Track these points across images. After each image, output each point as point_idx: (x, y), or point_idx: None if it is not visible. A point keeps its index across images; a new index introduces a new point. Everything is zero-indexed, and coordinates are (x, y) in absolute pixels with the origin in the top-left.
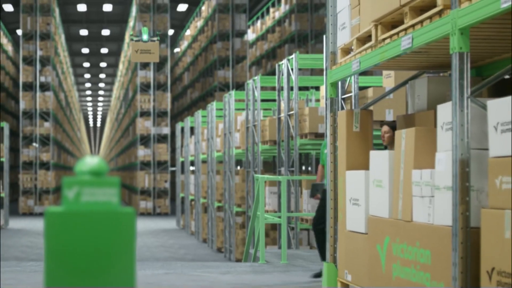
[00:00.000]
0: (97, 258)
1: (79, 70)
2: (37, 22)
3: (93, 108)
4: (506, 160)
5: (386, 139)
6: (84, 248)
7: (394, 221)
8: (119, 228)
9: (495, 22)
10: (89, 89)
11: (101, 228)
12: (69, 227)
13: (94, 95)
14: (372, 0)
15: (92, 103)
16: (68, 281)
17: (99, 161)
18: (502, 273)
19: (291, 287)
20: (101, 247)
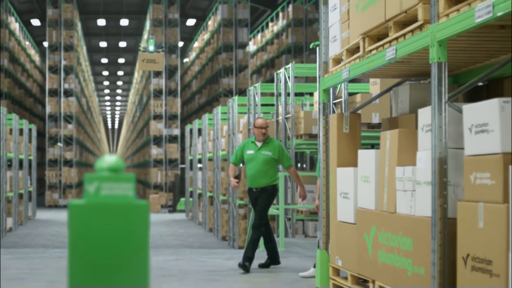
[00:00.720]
0: (115, 245)
1: (98, 78)
2: (62, 35)
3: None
4: (479, 158)
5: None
6: (103, 236)
7: (379, 213)
8: (134, 218)
9: (470, 35)
10: (107, 95)
11: (119, 219)
12: (90, 218)
13: (112, 100)
14: (360, 16)
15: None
16: (90, 265)
17: (116, 159)
18: (476, 259)
19: (288, 269)
20: (119, 235)
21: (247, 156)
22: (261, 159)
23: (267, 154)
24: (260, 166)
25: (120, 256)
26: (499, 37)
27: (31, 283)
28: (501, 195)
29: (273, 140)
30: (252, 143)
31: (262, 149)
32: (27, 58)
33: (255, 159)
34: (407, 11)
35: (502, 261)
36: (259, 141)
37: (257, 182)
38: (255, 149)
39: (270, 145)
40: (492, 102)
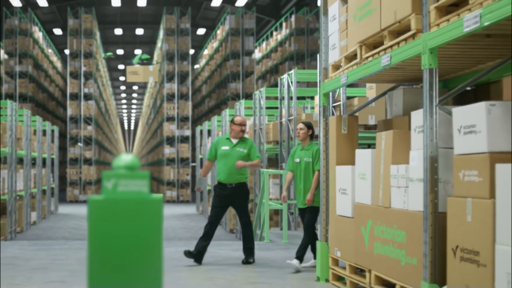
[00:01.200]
0: (131, 237)
1: (116, 83)
2: (82, 43)
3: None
4: (467, 157)
5: (301, 134)
6: (121, 229)
7: (375, 207)
8: (149, 212)
9: (459, 43)
10: (124, 99)
11: (134, 213)
12: (108, 212)
13: (128, 103)
14: (357, 25)
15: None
16: (108, 255)
17: (132, 157)
18: (464, 250)
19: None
20: (134, 228)
21: (221, 152)
22: (236, 155)
23: (242, 151)
24: (234, 162)
25: (136, 247)
26: (486, 45)
27: (53, 273)
28: (487, 191)
29: (247, 138)
30: (227, 139)
31: (238, 146)
32: (50, 64)
33: (230, 155)
34: (400, 21)
35: (488, 252)
36: (236, 138)
37: (233, 178)
38: (230, 146)
39: (244, 143)
40: (480, 105)
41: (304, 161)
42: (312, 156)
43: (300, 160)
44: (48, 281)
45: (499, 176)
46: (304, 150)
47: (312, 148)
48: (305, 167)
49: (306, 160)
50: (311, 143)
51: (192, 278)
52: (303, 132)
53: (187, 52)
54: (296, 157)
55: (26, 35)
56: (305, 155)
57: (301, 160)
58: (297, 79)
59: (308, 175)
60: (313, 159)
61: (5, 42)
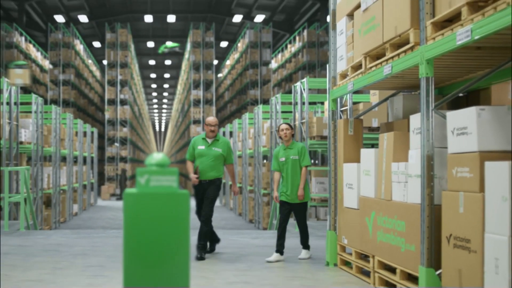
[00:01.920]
0: (162, 226)
1: (148, 90)
2: (118, 55)
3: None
4: (460, 156)
5: (287, 135)
6: (152, 219)
7: (378, 200)
8: (177, 204)
9: (452, 55)
10: (155, 104)
11: (165, 205)
12: (141, 204)
13: (159, 108)
14: (362, 39)
15: (157, 113)
16: (141, 242)
17: (163, 156)
18: (457, 238)
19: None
20: (165, 218)
21: (198, 151)
22: (212, 154)
23: (217, 151)
24: (210, 161)
25: (166, 235)
26: (476, 56)
27: (93, 258)
28: (477, 186)
29: (221, 137)
30: (203, 139)
31: (213, 145)
32: (90, 73)
33: (206, 154)
34: (400, 35)
35: (478, 240)
36: (210, 137)
37: (206, 175)
38: (206, 145)
39: (219, 143)
40: (471, 109)
41: (291, 159)
42: (299, 154)
43: (286, 159)
44: (88, 265)
45: (488, 173)
46: (288, 149)
47: (297, 146)
48: (292, 165)
49: (292, 158)
50: (294, 142)
51: (215, 264)
52: (289, 132)
53: (211, 62)
54: (281, 156)
55: (69, 48)
56: (290, 153)
57: (287, 159)
58: (308, 86)
59: (296, 172)
60: (299, 156)
61: (50, 53)
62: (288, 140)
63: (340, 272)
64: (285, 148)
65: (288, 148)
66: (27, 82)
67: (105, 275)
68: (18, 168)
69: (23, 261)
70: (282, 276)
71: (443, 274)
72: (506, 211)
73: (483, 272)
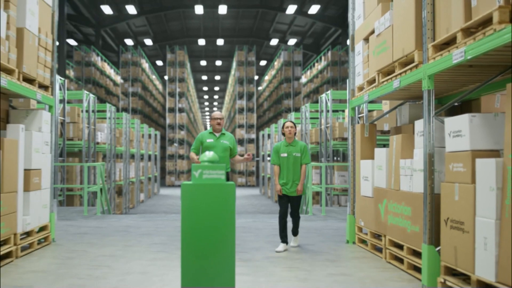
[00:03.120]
0: (213, 211)
1: (201, 100)
2: (177, 71)
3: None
4: (455, 154)
5: (292, 132)
6: (205, 205)
7: (389, 190)
8: (225, 193)
9: (449, 71)
10: (207, 111)
11: (214, 193)
12: (196, 193)
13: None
14: (376, 58)
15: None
16: (196, 223)
17: (213, 154)
18: (453, 221)
19: (327, 228)
20: (215, 204)
21: (207, 144)
22: (221, 147)
23: (225, 143)
24: (221, 152)
25: (215, 218)
26: (469, 73)
27: (156, 237)
28: (470, 178)
29: (227, 132)
30: (210, 133)
31: (221, 138)
32: (154, 87)
33: (216, 146)
34: (407, 56)
35: (470, 222)
36: (216, 131)
37: None
38: (214, 139)
39: (226, 136)
40: (464, 116)
41: (293, 155)
42: (301, 152)
43: (288, 155)
44: (152, 243)
45: (478, 168)
46: (291, 146)
47: (299, 144)
48: (294, 161)
49: (294, 155)
50: (296, 141)
51: (255, 241)
52: (293, 130)
53: (253, 77)
54: (283, 152)
55: (137, 66)
56: (293, 150)
57: (289, 155)
58: (332, 97)
59: (297, 168)
60: (301, 154)
61: (121, 70)
62: (291, 138)
63: (357, 248)
64: (287, 144)
65: (290, 145)
66: None
67: (166, 251)
68: (95, 163)
69: (99, 240)
70: (310, 252)
71: (441, 250)
72: (493, 199)
73: (474, 249)
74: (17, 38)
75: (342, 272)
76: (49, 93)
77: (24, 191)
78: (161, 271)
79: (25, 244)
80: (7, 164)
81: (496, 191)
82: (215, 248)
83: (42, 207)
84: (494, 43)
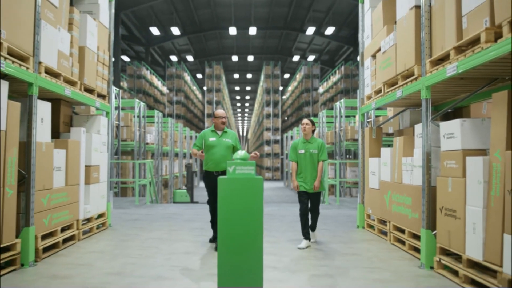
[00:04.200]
0: (244, 200)
1: (234, 107)
2: (213, 83)
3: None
4: (449, 152)
5: (307, 129)
6: (238, 196)
7: (393, 183)
8: (254, 186)
9: (443, 83)
10: (240, 116)
11: (246, 186)
12: (230, 186)
13: (242, 119)
14: (382, 72)
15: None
16: (231, 210)
17: (245, 153)
18: (447, 209)
19: (341, 215)
20: (246, 195)
21: (210, 143)
22: (224, 145)
23: (228, 141)
24: (223, 151)
25: (247, 205)
26: (460, 84)
27: (196, 222)
28: (461, 173)
29: (229, 130)
30: (212, 131)
31: (223, 137)
32: (194, 96)
33: (218, 145)
34: (408, 69)
35: (461, 210)
36: (219, 130)
37: (220, 166)
38: (216, 137)
39: (228, 134)
40: (456, 121)
41: (310, 152)
42: (318, 149)
43: (305, 152)
44: (193, 227)
45: (468, 164)
46: (308, 143)
47: (317, 141)
48: (311, 158)
49: (312, 152)
50: (313, 138)
51: (280, 226)
52: (309, 127)
53: (278, 88)
54: (300, 149)
55: (180, 78)
56: (310, 147)
57: (307, 152)
58: (345, 105)
59: (314, 165)
60: (318, 151)
61: (167, 82)
62: (307, 134)
63: (366, 232)
64: (304, 141)
65: (308, 142)
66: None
67: (205, 235)
68: (145, 161)
69: (148, 225)
70: (327, 235)
71: (437, 234)
72: (481, 191)
73: (465, 233)
74: (79, 55)
75: (354, 252)
76: (106, 101)
77: (85, 184)
78: (200, 251)
79: (85, 228)
80: (71, 161)
81: (483, 184)
82: (245, 230)
83: (100, 198)
84: (481, 59)
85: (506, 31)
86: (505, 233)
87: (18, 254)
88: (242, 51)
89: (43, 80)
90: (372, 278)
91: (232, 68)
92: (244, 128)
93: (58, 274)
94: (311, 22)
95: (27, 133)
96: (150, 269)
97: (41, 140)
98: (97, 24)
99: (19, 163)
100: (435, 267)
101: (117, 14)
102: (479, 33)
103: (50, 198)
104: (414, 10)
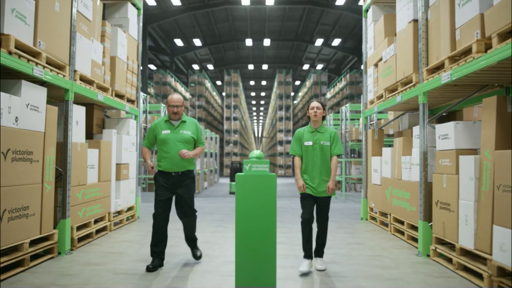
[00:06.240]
0: (259, 194)
1: (250, 111)
2: (231, 89)
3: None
4: (444, 152)
5: (318, 114)
6: (253, 191)
7: (393, 179)
8: (268, 182)
9: (439, 89)
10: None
11: (261, 182)
12: (247, 182)
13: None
14: (383, 79)
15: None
16: (247, 204)
17: (259, 152)
18: (442, 203)
19: (347, 208)
20: (261, 190)
21: (162, 137)
22: (181, 138)
23: (186, 134)
24: (180, 146)
25: (262, 199)
26: (454, 90)
27: (216, 215)
28: (454, 170)
29: (188, 118)
30: (166, 122)
31: (180, 128)
32: (214, 101)
33: (173, 138)
34: (407, 77)
35: (455, 204)
36: (174, 119)
37: (179, 165)
38: (171, 129)
39: (187, 124)
40: (450, 123)
41: (320, 144)
42: (330, 140)
43: (314, 143)
44: (213, 219)
45: (461, 162)
46: (317, 132)
47: (328, 131)
48: (322, 151)
49: (322, 143)
50: (323, 126)
51: (292, 218)
52: (320, 112)
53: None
54: (307, 140)
55: (201, 85)
56: (321, 138)
57: (316, 143)
58: (350, 109)
59: (326, 160)
60: (331, 143)
61: (189, 88)
62: (317, 121)
63: (369, 224)
64: (312, 130)
65: (317, 131)
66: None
67: (224, 226)
68: None
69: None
70: (333, 226)
71: (433, 225)
72: (472, 186)
73: (458, 224)
74: (110, 64)
75: (358, 241)
76: (134, 106)
77: (116, 180)
78: (220, 240)
79: (116, 220)
80: (103, 160)
81: (474, 180)
82: (261, 222)
83: (129, 192)
84: (473, 68)
85: (496, 42)
86: (495, 224)
87: (55, 243)
88: (257, 60)
89: (78, 86)
90: (375, 265)
91: (248, 75)
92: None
93: (92, 261)
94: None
95: (63, 134)
96: (175, 256)
97: (76, 140)
98: (127, 36)
99: (57, 162)
100: (431, 255)
101: (144, 27)
102: (471, 44)
103: (84, 193)
104: (412, 24)
